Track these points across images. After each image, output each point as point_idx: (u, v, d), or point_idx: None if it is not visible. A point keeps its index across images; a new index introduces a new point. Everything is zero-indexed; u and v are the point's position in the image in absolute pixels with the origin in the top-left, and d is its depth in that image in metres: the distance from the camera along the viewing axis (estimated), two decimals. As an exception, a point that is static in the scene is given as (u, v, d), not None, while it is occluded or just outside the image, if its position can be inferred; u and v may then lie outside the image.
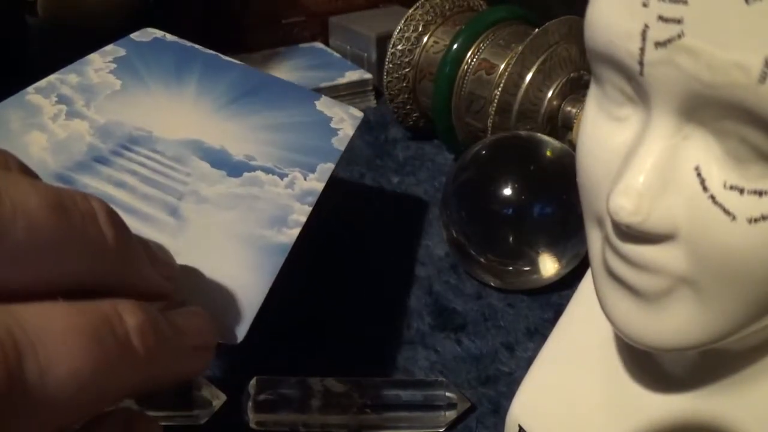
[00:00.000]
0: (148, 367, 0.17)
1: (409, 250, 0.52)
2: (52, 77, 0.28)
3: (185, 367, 0.20)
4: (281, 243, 0.27)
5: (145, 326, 0.17)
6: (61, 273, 0.17)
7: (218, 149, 0.28)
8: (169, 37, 0.31)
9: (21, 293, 0.16)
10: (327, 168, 0.30)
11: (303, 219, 0.28)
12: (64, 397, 0.15)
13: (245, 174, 0.28)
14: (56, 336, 0.15)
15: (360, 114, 0.33)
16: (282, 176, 0.28)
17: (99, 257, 0.18)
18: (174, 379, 0.20)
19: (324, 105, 0.32)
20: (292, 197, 0.28)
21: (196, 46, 0.31)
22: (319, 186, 0.29)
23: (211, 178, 0.27)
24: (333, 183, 0.61)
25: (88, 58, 0.30)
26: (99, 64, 0.29)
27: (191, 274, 0.25)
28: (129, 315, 0.17)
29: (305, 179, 0.29)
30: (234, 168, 0.28)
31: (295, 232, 0.28)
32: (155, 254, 0.21)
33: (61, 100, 0.26)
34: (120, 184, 0.25)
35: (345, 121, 0.32)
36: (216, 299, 0.25)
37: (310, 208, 0.29)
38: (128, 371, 0.17)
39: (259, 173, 0.28)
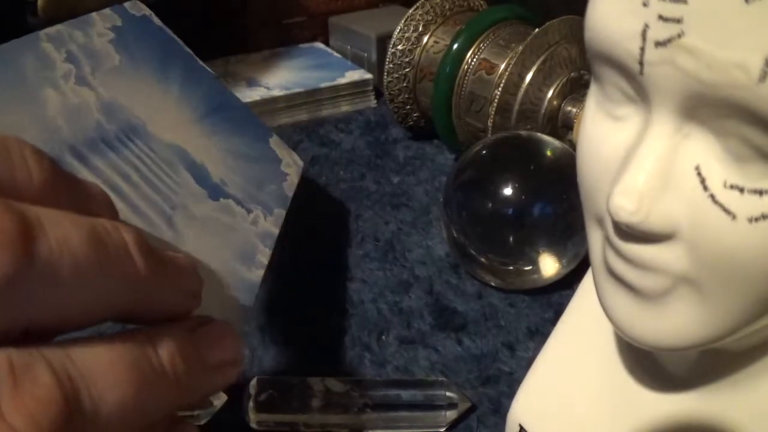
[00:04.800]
0: (180, 389, 0.19)
1: (410, 250, 0.52)
2: (60, 26, 0.27)
3: (214, 383, 0.22)
4: (251, 281, 0.27)
5: (176, 354, 0.19)
6: (100, 304, 0.18)
7: (200, 165, 0.27)
8: (155, 20, 0.30)
9: (65, 326, 0.18)
10: (280, 214, 0.29)
11: (265, 262, 0.27)
12: (113, 422, 0.17)
13: (221, 200, 0.27)
14: (104, 370, 0.17)
15: (301, 163, 0.32)
16: (248, 211, 0.28)
17: (132, 287, 0.19)
18: (206, 393, 0.22)
19: (276, 144, 0.31)
20: (256, 236, 0.27)
21: (176, 38, 0.30)
22: (275, 231, 0.28)
23: (196, 196, 0.26)
24: (333, 183, 0.62)
25: (91, 17, 0.28)
26: (100, 28, 0.27)
27: None
28: (161, 346, 0.19)
29: (265, 219, 0.28)
30: (213, 190, 0.27)
31: (260, 273, 0.27)
32: (182, 270, 0.22)
33: (70, 58, 0.25)
34: (126, 177, 0.24)
35: (291, 167, 0.31)
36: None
37: (270, 252, 0.28)
38: (164, 394, 0.19)
39: (230, 202, 0.27)
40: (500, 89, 0.53)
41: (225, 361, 0.22)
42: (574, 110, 0.52)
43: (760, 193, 0.19)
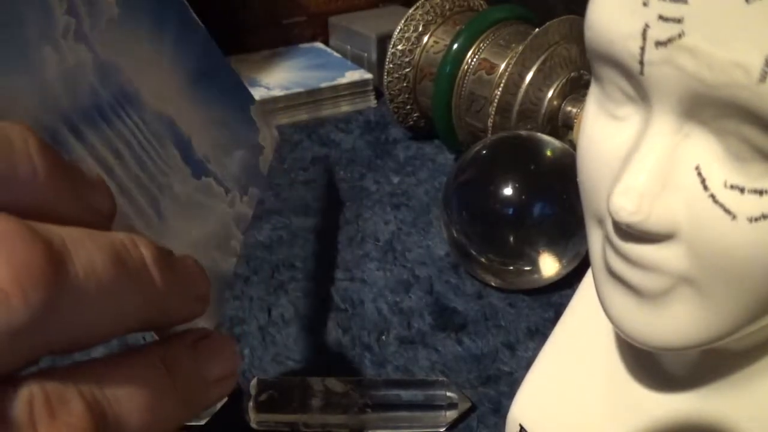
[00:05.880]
0: (186, 407, 0.20)
1: (410, 250, 0.52)
2: None
3: (213, 396, 0.22)
4: (224, 271, 0.25)
5: (184, 374, 0.20)
6: (119, 322, 0.19)
7: (186, 139, 0.25)
8: None
9: (83, 345, 0.18)
10: (255, 194, 0.28)
11: (239, 249, 0.26)
12: None
13: (203, 178, 0.25)
14: (128, 396, 0.18)
15: (277, 134, 0.30)
16: (227, 191, 0.26)
17: (150, 301, 0.19)
18: (206, 406, 0.23)
19: (255, 113, 0.29)
20: (232, 218, 0.26)
21: None
22: (249, 212, 0.27)
23: (181, 174, 0.25)
24: (333, 182, 0.62)
25: None
26: None
27: None
28: (172, 366, 0.20)
29: (240, 200, 0.27)
30: (196, 167, 0.25)
31: (233, 260, 0.26)
32: (194, 276, 0.22)
33: (71, 9, 0.22)
34: (118, 155, 0.23)
35: (267, 140, 0.29)
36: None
37: (243, 237, 0.26)
38: (174, 413, 0.20)
39: (211, 181, 0.26)
40: (500, 89, 0.53)
41: (224, 375, 0.22)
42: (574, 110, 0.52)
43: (760, 193, 0.19)
